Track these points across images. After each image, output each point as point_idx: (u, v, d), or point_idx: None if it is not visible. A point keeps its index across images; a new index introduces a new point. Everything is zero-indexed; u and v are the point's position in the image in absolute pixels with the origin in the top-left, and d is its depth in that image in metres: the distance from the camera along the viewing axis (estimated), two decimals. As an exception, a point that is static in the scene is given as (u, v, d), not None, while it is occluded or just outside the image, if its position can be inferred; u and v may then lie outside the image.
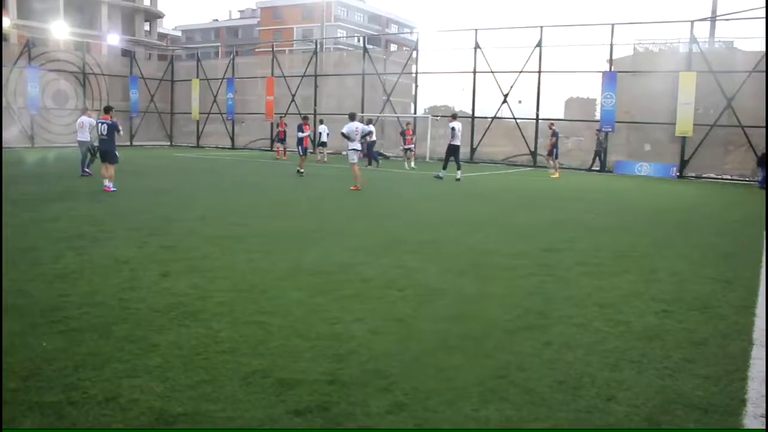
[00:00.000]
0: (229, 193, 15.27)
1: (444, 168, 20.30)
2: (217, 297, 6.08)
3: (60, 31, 40.27)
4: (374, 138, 25.72)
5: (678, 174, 25.30)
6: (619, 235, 10.52)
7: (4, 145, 25.68)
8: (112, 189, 14.32)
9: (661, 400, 4.04)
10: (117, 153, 14.91)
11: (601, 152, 26.94)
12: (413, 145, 26.51)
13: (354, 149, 16.43)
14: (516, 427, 3.63)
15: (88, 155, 18.16)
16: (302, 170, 20.24)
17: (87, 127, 18.12)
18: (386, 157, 30.32)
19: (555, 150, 23.90)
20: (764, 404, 4.05)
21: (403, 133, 26.76)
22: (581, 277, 7.39)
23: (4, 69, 31.46)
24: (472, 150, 30.09)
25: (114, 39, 45.65)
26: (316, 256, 8.12)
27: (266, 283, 6.68)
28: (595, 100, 29.31)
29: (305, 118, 22.25)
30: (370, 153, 25.39)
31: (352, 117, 16.89)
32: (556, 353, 4.83)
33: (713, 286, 7.15)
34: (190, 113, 40.22)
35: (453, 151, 19.97)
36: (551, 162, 24.38)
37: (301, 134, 22.29)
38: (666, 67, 25.98)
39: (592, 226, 11.32)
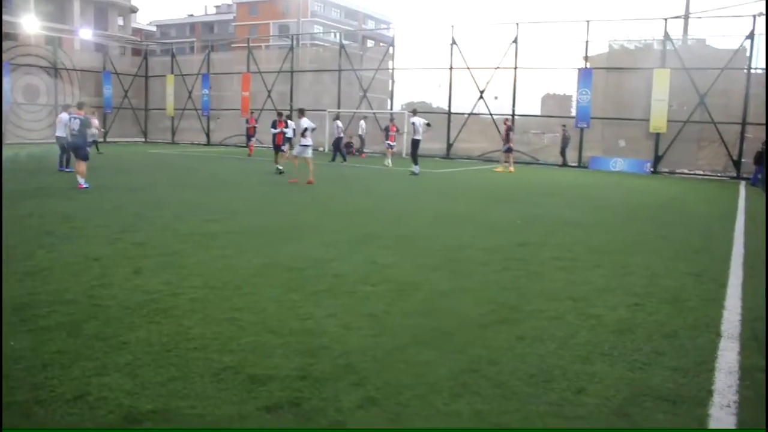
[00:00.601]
0: (203, 189, 15.13)
1: (415, 163, 20.71)
2: (190, 294, 6.03)
3: (31, 25, 39.56)
4: (342, 134, 25.72)
5: (652, 170, 25.58)
6: (593, 231, 10.61)
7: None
8: (84, 186, 14.13)
9: (630, 392, 4.09)
10: (89, 149, 14.71)
11: (565, 148, 27.24)
12: (395, 142, 25.50)
13: (305, 145, 16.89)
14: (495, 426, 3.65)
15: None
16: (281, 167, 19.41)
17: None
18: (358, 153, 30.38)
19: (508, 145, 23.83)
20: (730, 395, 4.11)
21: (387, 129, 25.82)
22: (555, 272, 7.44)
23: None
24: (449, 146, 30.19)
25: (86, 34, 44.99)
26: (290, 253, 8.08)
27: (239, 279, 6.63)
28: (572, 96, 29.56)
29: (280, 115, 20.55)
30: (337, 148, 25.25)
31: (301, 113, 17.43)
32: (529, 347, 4.86)
33: (684, 279, 7.24)
34: (165, 109, 39.83)
35: (415, 145, 20.82)
36: (505, 156, 24.16)
37: (273, 130, 20.34)
38: (641, 64, 26.27)
39: (566, 221, 11.40)
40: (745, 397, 4.09)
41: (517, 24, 28.16)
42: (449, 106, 30.44)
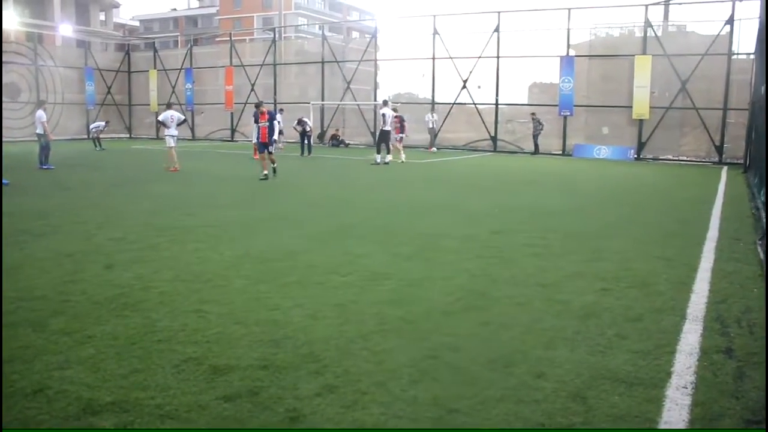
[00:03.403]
0: (183, 184, 15.10)
1: (378, 152, 21.12)
2: (160, 287, 6.04)
3: (9, 21, 39.20)
4: (309, 127, 25.41)
5: (635, 156, 25.70)
6: (570, 218, 10.67)
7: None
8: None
9: (589, 375, 4.13)
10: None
11: (537, 135, 27.33)
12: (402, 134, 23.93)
13: (170, 135, 18.37)
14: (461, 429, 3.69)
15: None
16: (266, 172, 15.95)
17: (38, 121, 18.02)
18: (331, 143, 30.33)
19: (401, 134, 23.41)
20: (688, 376, 4.17)
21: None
22: (527, 259, 7.49)
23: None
24: (434, 136, 30.20)
25: (67, 30, 44.63)
26: (264, 245, 8.10)
27: (211, 272, 6.65)
28: (557, 84, 29.59)
29: (258, 105, 16.76)
30: (302, 141, 25.02)
31: (168, 106, 19.27)
32: (493, 333, 4.91)
33: (655, 264, 7.30)
34: (149, 105, 39.62)
35: (383, 136, 21.31)
36: (398, 146, 23.32)
37: (256, 125, 16.66)
38: (622, 50, 26.35)
39: (544, 209, 11.46)
40: (702, 377, 4.14)
41: (499, 13, 28.17)
42: (432, 96, 30.45)
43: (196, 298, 5.72)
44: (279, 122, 25.32)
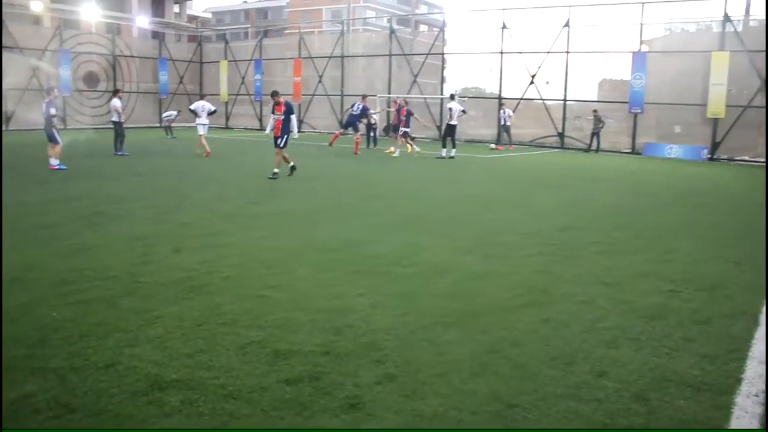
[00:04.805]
0: (248, 173, 15.37)
1: (444, 147, 21.08)
2: (225, 272, 6.20)
3: (91, 14, 40.66)
4: (375, 119, 25.10)
5: (709, 156, 24.80)
6: (638, 217, 10.39)
7: (30, 127, 26.27)
8: (58, 167, 14.58)
9: (653, 377, 4.04)
10: (55, 133, 14.91)
11: (597, 133, 26.62)
12: (408, 128, 22.61)
13: (201, 123, 19.55)
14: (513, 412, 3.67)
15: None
16: (276, 170, 14.38)
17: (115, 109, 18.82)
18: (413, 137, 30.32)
19: (402, 126, 22.38)
20: (760, 383, 4.02)
21: (399, 112, 23.27)
22: (592, 257, 7.36)
23: (37, 52, 31.94)
24: (508, 133, 29.83)
25: (143, 21, 45.91)
26: (327, 234, 8.21)
27: (274, 259, 6.78)
28: (629, 81, 28.79)
29: (273, 95, 14.94)
30: (368, 134, 25.00)
31: (201, 96, 20.78)
32: (554, 330, 4.84)
33: (725, 266, 7.05)
34: (219, 95, 40.50)
35: (449, 130, 21.11)
36: (400, 139, 22.46)
37: (273, 116, 14.81)
38: (698, 46, 25.42)
39: (611, 207, 11.21)
40: (775, 386, 3.99)
41: (570, 7, 27.58)
42: (500, 91, 30.07)
43: (261, 283, 5.84)
44: (372, 113, 24.64)
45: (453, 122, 21.10)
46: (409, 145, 22.68)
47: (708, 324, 5.11)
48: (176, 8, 60.51)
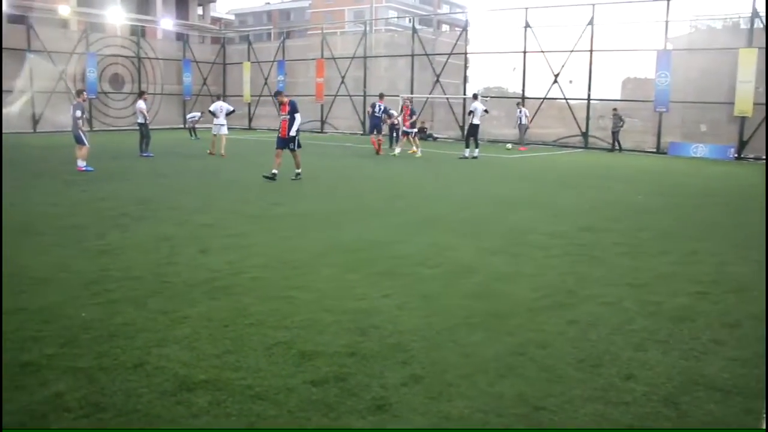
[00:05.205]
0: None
1: (467, 147, 21.02)
2: (251, 273, 6.25)
3: (117, 17, 41.19)
4: (397, 120, 24.60)
5: (736, 155, 24.44)
6: (664, 216, 10.28)
7: (58, 129, 26.67)
8: (85, 169, 14.73)
9: (682, 380, 4.00)
10: (82, 135, 15.03)
11: (617, 132, 26.29)
12: (413, 129, 22.67)
13: (219, 124, 19.90)
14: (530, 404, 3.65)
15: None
16: (275, 171, 13.85)
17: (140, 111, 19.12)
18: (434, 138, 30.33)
19: (406, 126, 22.38)
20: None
21: (403, 112, 22.93)
22: (617, 258, 7.29)
23: (64, 55, 32.36)
24: (524, 132, 29.67)
25: (168, 24, 46.42)
26: (351, 235, 8.23)
27: (299, 260, 6.81)
28: (653, 80, 28.49)
29: (277, 94, 14.92)
30: (390, 134, 24.85)
31: (218, 97, 21.29)
32: (580, 332, 4.81)
33: (752, 267, 6.94)
34: (242, 96, 40.75)
35: (472, 130, 21.13)
36: (413, 140, 22.43)
37: (282, 117, 14.37)
38: (724, 43, 25.06)
39: (636, 207, 11.10)
40: (807, 390, 3.93)
41: (593, 5, 27.35)
42: (523, 91, 29.92)
43: (286, 284, 5.87)
44: (393, 114, 24.33)
45: (476, 122, 21.11)
46: (413, 146, 22.38)
47: (737, 327, 5.04)
48: (200, 10, 61.04)
